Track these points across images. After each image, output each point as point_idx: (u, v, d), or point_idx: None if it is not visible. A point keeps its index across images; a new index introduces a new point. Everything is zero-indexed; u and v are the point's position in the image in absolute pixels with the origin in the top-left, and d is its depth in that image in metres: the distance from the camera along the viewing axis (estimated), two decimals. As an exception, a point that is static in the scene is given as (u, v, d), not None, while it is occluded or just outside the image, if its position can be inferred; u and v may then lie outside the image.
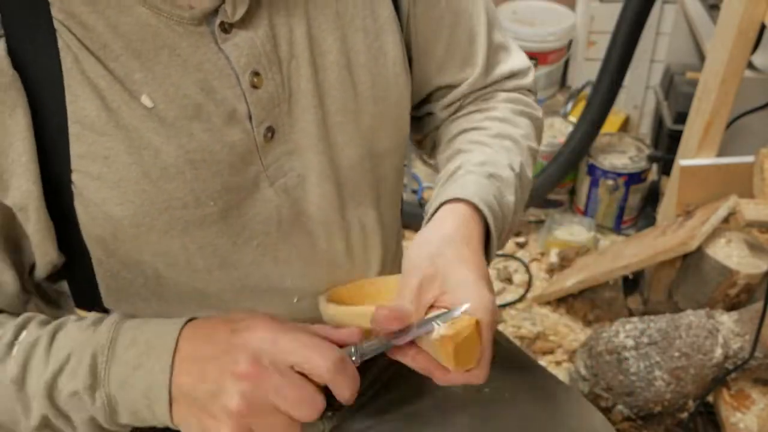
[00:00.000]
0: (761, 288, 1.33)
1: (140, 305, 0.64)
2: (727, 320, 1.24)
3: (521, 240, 1.89)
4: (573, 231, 1.84)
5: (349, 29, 0.62)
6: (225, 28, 0.56)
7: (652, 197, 1.92)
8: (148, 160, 0.55)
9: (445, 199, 0.64)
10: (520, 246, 1.88)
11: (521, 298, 1.72)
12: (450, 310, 0.55)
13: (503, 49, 0.75)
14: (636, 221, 1.93)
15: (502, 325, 1.65)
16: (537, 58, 2.20)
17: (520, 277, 1.79)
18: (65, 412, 0.55)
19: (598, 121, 1.72)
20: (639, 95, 2.15)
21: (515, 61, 0.76)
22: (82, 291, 0.64)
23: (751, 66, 1.42)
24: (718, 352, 1.21)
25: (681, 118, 1.71)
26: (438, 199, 0.65)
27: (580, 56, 2.21)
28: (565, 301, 1.68)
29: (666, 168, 1.85)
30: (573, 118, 2.02)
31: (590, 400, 1.14)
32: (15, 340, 0.56)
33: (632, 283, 1.66)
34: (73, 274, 0.63)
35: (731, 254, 1.35)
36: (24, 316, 0.58)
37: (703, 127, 1.38)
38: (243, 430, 0.51)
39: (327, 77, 0.62)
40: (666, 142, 1.86)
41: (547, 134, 1.94)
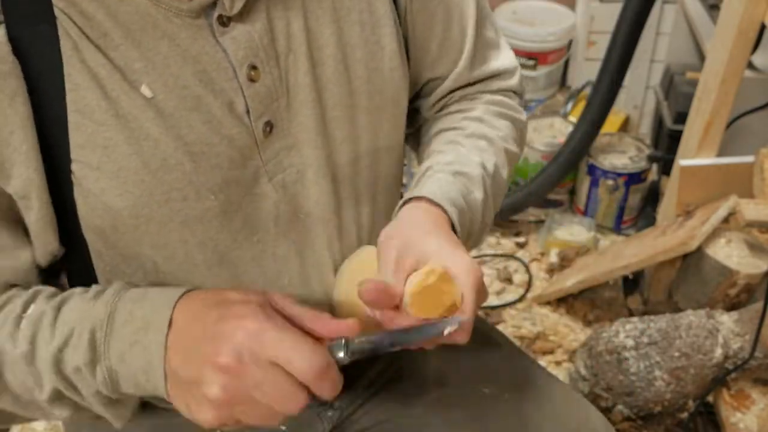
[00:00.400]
0: (761, 288, 1.33)
1: None
2: (727, 320, 1.24)
3: (521, 240, 1.89)
4: (573, 231, 1.84)
5: (345, 23, 0.62)
6: (223, 22, 0.56)
7: (652, 197, 1.92)
8: (148, 150, 0.55)
9: (408, 198, 0.64)
10: (520, 246, 1.88)
11: (521, 298, 1.72)
12: (451, 319, 0.54)
13: (492, 47, 0.75)
14: (636, 221, 1.93)
15: (502, 325, 1.65)
16: (537, 58, 2.20)
17: (520, 277, 1.79)
18: (74, 384, 0.55)
19: (598, 121, 1.72)
20: (639, 95, 2.15)
21: (503, 60, 0.76)
22: (81, 285, 0.64)
23: (751, 66, 1.42)
24: (718, 352, 1.21)
25: (681, 118, 1.70)
26: (402, 199, 0.65)
27: (580, 56, 2.21)
28: (565, 301, 1.68)
29: (666, 168, 1.85)
30: (573, 118, 2.02)
31: (590, 400, 1.13)
32: (23, 313, 0.56)
33: (632, 283, 1.66)
34: (72, 268, 0.64)
35: (731, 254, 1.35)
36: (33, 289, 0.59)
37: (703, 127, 1.38)
38: (225, 415, 0.51)
39: (324, 71, 0.62)
40: (666, 142, 1.86)
41: (547, 134, 1.94)
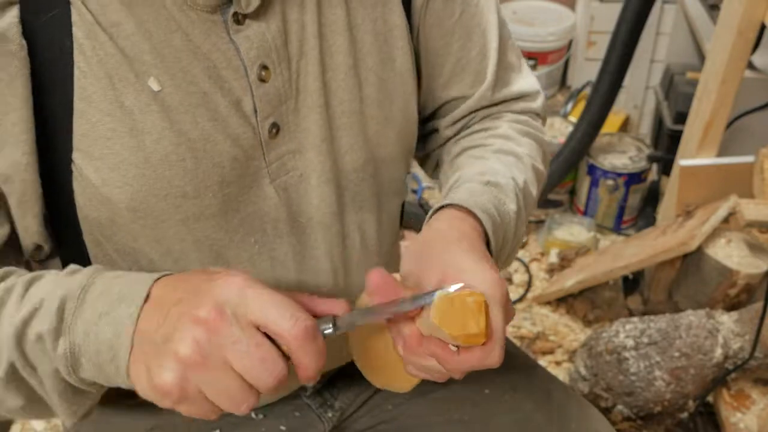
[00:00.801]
0: (761, 288, 1.33)
1: None
2: (727, 320, 1.24)
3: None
4: (573, 231, 1.84)
5: (358, 31, 0.62)
6: (238, 19, 0.56)
7: (652, 197, 1.92)
8: (150, 144, 0.55)
9: (438, 207, 0.62)
10: (520, 246, 1.88)
11: (521, 298, 1.72)
12: (444, 288, 0.52)
13: (514, 69, 0.74)
14: (636, 221, 1.93)
15: (502, 325, 1.65)
16: (537, 58, 2.20)
17: (520, 277, 1.79)
18: (31, 361, 0.52)
19: (598, 121, 1.72)
20: (639, 95, 2.15)
21: (525, 83, 0.75)
22: None
23: (751, 66, 1.42)
24: (718, 352, 1.21)
25: (681, 118, 1.71)
26: (432, 209, 0.63)
27: (580, 56, 2.21)
28: (565, 301, 1.68)
29: (666, 168, 1.85)
30: (573, 118, 2.03)
31: (590, 400, 1.14)
32: None
33: (632, 283, 1.66)
34: (67, 261, 0.63)
35: (731, 254, 1.35)
36: (4, 269, 0.57)
37: (703, 127, 1.38)
38: (188, 382, 0.46)
39: (335, 77, 0.62)
40: (666, 142, 1.86)
41: (547, 134, 1.94)
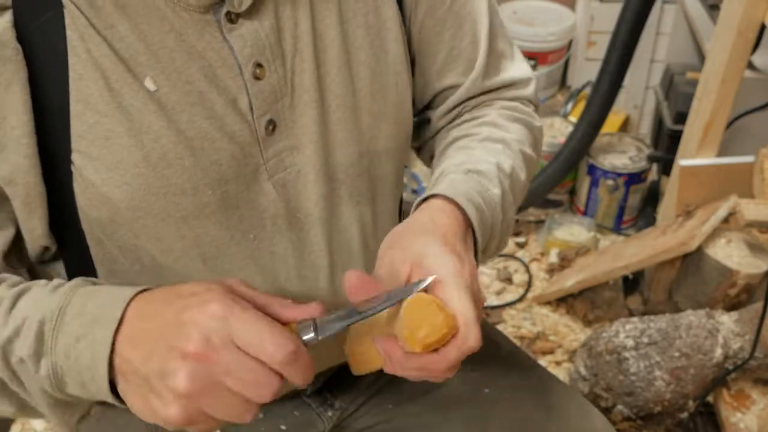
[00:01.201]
0: (761, 288, 1.33)
1: None
2: (727, 320, 1.24)
3: (521, 240, 1.89)
4: (573, 231, 1.84)
5: (350, 25, 0.62)
6: (231, 18, 0.56)
7: (652, 197, 1.92)
8: (148, 144, 0.55)
9: (421, 199, 0.62)
10: (520, 246, 1.88)
11: (521, 298, 1.72)
12: (419, 281, 0.52)
13: (506, 57, 0.75)
14: (636, 221, 1.93)
15: (502, 325, 1.65)
16: (537, 58, 2.20)
17: (520, 277, 1.79)
18: (19, 377, 0.52)
19: (598, 121, 1.72)
20: (639, 95, 2.15)
21: (517, 70, 0.75)
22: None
23: (751, 66, 1.42)
24: (718, 352, 1.21)
25: (681, 118, 1.71)
26: (416, 201, 0.63)
27: (580, 56, 2.21)
28: (565, 301, 1.68)
29: (666, 168, 1.85)
30: (573, 118, 2.02)
31: (590, 400, 1.14)
32: None
33: (632, 283, 1.66)
34: (70, 260, 0.63)
35: (731, 254, 1.35)
36: None
37: (703, 127, 1.38)
38: (192, 410, 0.47)
39: (328, 72, 0.62)
40: (666, 142, 1.86)
41: (547, 134, 1.94)
